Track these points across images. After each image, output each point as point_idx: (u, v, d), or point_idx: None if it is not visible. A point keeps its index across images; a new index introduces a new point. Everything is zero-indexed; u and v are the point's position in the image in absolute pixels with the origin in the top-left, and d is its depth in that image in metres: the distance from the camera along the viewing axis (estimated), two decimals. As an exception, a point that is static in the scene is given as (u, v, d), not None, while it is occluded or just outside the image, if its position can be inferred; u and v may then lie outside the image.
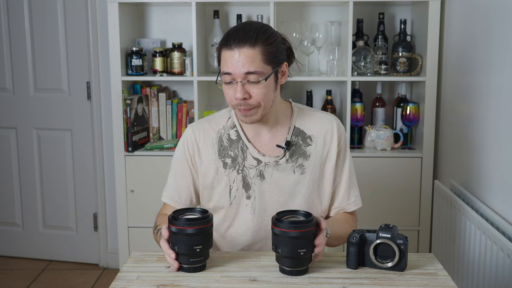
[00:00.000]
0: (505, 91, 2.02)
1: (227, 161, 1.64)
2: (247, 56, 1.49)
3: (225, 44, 1.52)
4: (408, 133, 2.90)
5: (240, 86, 1.50)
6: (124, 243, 2.93)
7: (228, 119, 1.68)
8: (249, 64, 1.49)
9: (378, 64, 2.86)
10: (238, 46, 1.49)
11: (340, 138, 1.66)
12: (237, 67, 1.49)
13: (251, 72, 1.49)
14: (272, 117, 1.62)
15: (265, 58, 1.51)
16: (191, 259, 1.39)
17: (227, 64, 1.51)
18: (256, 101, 1.52)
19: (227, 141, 1.65)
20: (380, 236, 1.39)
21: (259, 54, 1.50)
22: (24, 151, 3.38)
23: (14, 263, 3.43)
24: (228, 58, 1.51)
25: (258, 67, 1.50)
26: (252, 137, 1.65)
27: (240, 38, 1.50)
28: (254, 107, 1.54)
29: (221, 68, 1.54)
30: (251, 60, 1.49)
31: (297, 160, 1.63)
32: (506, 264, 1.83)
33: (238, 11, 3.01)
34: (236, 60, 1.49)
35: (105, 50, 3.10)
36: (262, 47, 1.50)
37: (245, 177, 1.63)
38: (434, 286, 1.33)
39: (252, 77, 1.50)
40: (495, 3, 2.13)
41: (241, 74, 1.49)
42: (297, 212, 1.42)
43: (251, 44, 1.49)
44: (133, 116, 2.85)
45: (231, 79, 1.51)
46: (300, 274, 1.39)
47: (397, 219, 2.80)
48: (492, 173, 2.13)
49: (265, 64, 1.51)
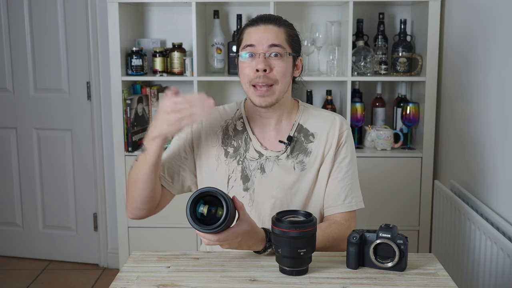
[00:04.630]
0: (505, 90, 2.02)
1: (229, 150, 1.64)
2: (273, 31, 1.56)
3: (250, 23, 1.60)
4: (408, 133, 2.90)
5: (263, 57, 1.54)
6: (124, 243, 2.93)
7: (237, 110, 1.69)
8: (274, 38, 1.55)
9: (378, 64, 2.86)
10: (264, 23, 1.57)
11: (342, 136, 1.64)
12: (262, 39, 1.55)
13: (276, 45, 1.55)
14: (280, 110, 1.63)
15: (288, 39, 1.58)
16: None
17: (251, 37, 1.57)
18: (275, 76, 1.55)
19: (233, 130, 1.66)
20: (380, 236, 1.39)
21: (283, 33, 1.58)
22: (24, 151, 3.38)
23: (14, 263, 3.43)
24: (253, 33, 1.57)
25: (282, 43, 1.56)
26: (257, 130, 1.65)
27: (266, 18, 1.59)
28: (272, 84, 1.55)
29: (244, 43, 1.58)
30: (276, 35, 1.56)
31: (298, 157, 1.63)
32: (506, 264, 1.83)
33: (238, 11, 3.01)
34: (262, 34, 1.55)
35: (105, 50, 3.10)
36: (286, 29, 1.59)
37: (245, 169, 1.63)
38: (434, 286, 1.33)
39: (275, 49, 1.55)
40: (495, 3, 2.13)
41: (265, 47, 1.54)
42: (297, 212, 1.42)
43: (276, 24, 1.58)
44: (133, 116, 2.85)
45: (253, 51, 1.55)
46: (300, 274, 1.38)
47: (397, 219, 2.80)
48: (492, 173, 2.13)
49: (287, 44, 1.58)
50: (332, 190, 1.63)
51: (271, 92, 1.56)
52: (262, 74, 1.53)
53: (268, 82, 1.54)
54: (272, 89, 1.55)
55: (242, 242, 1.39)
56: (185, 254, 1.52)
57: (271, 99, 1.56)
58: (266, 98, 1.56)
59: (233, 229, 1.35)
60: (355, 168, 1.67)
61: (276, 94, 1.57)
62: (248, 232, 1.39)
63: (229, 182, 1.63)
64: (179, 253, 1.52)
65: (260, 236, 1.44)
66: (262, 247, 1.45)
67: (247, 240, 1.40)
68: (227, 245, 1.37)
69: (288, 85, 1.60)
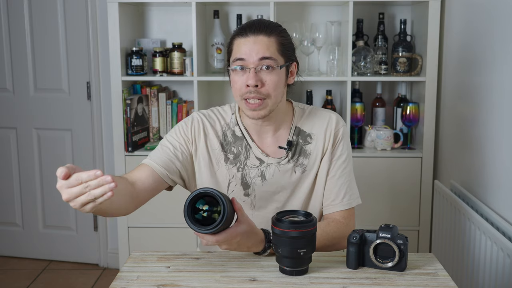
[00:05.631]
0: (505, 90, 2.02)
1: (229, 156, 1.62)
2: (263, 43, 1.50)
3: (239, 33, 1.52)
4: (408, 133, 2.90)
5: (253, 72, 1.49)
6: (124, 243, 2.93)
7: (232, 115, 1.66)
8: (264, 50, 1.49)
9: (378, 64, 2.86)
10: (254, 34, 1.50)
11: (338, 133, 1.63)
12: (252, 52, 1.49)
13: (266, 58, 1.49)
14: (276, 118, 1.61)
15: (279, 48, 1.52)
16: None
17: (240, 50, 1.51)
18: (267, 90, 1.51)
19: (232, 136, 1.63)
20: (380, 236, 1.39)
21: (274, 43, 1.51)
22: (24, 151, 3.38)
23: (14, 263, 3.43)
24: (243, 45, 1.51)
25: (273, 54, 1.51)
26: (255, 137, 1.63)
27: (256, 27, 1.51)
28: (264, 98, 1.51)
29: (233, 56, 1.53)
30: (266, 47, 1.50)
31: (298, 159, 1.63)
32: (506, 264, 1.83)
33: (238, 11, 3.01)
34: (251, 46, 1.49)
35: (105, 50, 3.10)
36: (277, 37, 1.52)
37: (244, 176, 1.62)
38: (434, 286, 1.33)
39: (266, 62, 1.49)
40: (495, 3, 2.13)
41: (255, 61, 1.49)
42: (297, 212, 1.42)
43: (266, 33, 1.51)
44: (133, 116, 2.85)
45: (244, 64, 1.50)
46: (300, 274, 1.38)
47: (397, 219, 2.80)
48: (492, 173, 2.13)
49: (279, 55, 1.52)
50: (331, 187, 1.63)
51: (263, 106, 1.52)
52: (253, 89, 1.50)
53: (260, 96, 1.51)
54: (264, 103, 1.52)
55: (241, 243, 1.39)
56: (185, 254, 1.52)
57: (264, 112, 1.54)
58: (258, 112, 1.53)
59: (231, 230, 1.35)
60: (351, 165, 1.67)
61: (269, 107, 1.53)
62: (247, 233, 1.39)
63: (230, 186, 1.63)
64: (179, 253, 1.52)
65: (259, 237, 1.44)
66: (262, 248, 1.45)
67: (246, 240, 1.40)
68: (226, 245, 1.37)
69: (282, 95, 1.57)
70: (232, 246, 1.38)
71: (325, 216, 1.65)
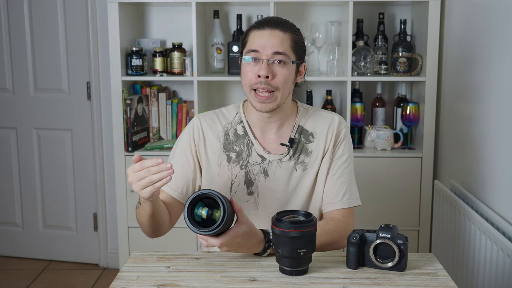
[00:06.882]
0: (505, 90, 2.02)
1: (232, 155, 1.64)
2: (278, 37, 1.54)
3: (256, 26, 1.57)
4: (408, 133, 2.90)
5: (266, 64, 1.53)
6: (124, 243, 2.93)
7: (236, 114, 1.68)
8: (279, 45, 1.54)
9: (378, 64, 2.86)
10: (270, 28, 1.55)
11: (340, 133, 1.66)
12: (267, 45, 1.54)
13: (280, 53, 1.54)
14: (281, 115, 1.63)
15: (293, 45, 1.57)
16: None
17: (255, 42, 1.55)
18: (277, 83, 1.54)
19: (233, 135, 1.66)
20: (380, 236, 1.39)
21: (288, 39, 1.56)
22: (24, 151, 3.38)
23: (14, 263, 3.43)
24: (258, 37, 1.55)
25: (286, 50, 1.55)
26: (258, 134, 1.65)
27: (273, 22, 1.57)
28: (273, 91, 1.55)
29: (248, 47, 1.57)
30: (280, 42, 1.54)
31: (299, 157, 1.64)
32: (506, 264, 1.83)
33: (238, 11, 3.01)
34: (267, 39, 1.54)
35: (105, 50, 3.10)
36: (292, 34, 1.57)
37: (248, 173, 1.63)
38: (434, 286, 1.33)
39: (279, 57, 1.54)
40: (495, 3, 2.13)
41: (269, 54, 1.53)
42: (297, 212, 1.42)
43: (282, 29, 1.56)
44: (133, 116, 2.85)
45: (257, 56, 1.54)
46: (300, 274, 1.38)
47: (397, 219, 2.80)
48: (492, 173, 2.13)
49: (292, 51, 1.56)
50: (331, 186, 1.64)
51: (272, 99, 1.56)
52: (264, 80, 1.53)
53: (269, 88, 1.54)
54: (273, 96, 1.55)
55: (241, 244, 1.39)
56: (185, 254, 1.52)
57: (272, 105, 1.57)
58: (267, 104, 1.56)
59: (232, 230, 1.36)
60: (352, 165, 1.69)
61: (277, 101, 1.57)
62: (247, 233, 1.39)
63: (232, 187, 1.64)
64: (179, 253, 1.52)
65: (259, 237, 1.44)
66: (261, 248, 1.45)
67: (246, 241, 1.40)
68: (226, 246, 1.37)
69: (290, 91, 1.60)
70: (233, 247, 1.39)
71: (324, 215, 1.66)
